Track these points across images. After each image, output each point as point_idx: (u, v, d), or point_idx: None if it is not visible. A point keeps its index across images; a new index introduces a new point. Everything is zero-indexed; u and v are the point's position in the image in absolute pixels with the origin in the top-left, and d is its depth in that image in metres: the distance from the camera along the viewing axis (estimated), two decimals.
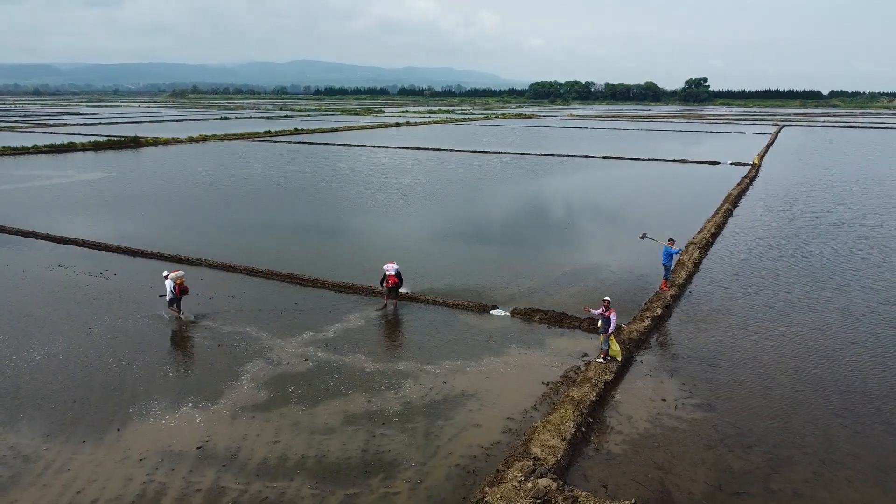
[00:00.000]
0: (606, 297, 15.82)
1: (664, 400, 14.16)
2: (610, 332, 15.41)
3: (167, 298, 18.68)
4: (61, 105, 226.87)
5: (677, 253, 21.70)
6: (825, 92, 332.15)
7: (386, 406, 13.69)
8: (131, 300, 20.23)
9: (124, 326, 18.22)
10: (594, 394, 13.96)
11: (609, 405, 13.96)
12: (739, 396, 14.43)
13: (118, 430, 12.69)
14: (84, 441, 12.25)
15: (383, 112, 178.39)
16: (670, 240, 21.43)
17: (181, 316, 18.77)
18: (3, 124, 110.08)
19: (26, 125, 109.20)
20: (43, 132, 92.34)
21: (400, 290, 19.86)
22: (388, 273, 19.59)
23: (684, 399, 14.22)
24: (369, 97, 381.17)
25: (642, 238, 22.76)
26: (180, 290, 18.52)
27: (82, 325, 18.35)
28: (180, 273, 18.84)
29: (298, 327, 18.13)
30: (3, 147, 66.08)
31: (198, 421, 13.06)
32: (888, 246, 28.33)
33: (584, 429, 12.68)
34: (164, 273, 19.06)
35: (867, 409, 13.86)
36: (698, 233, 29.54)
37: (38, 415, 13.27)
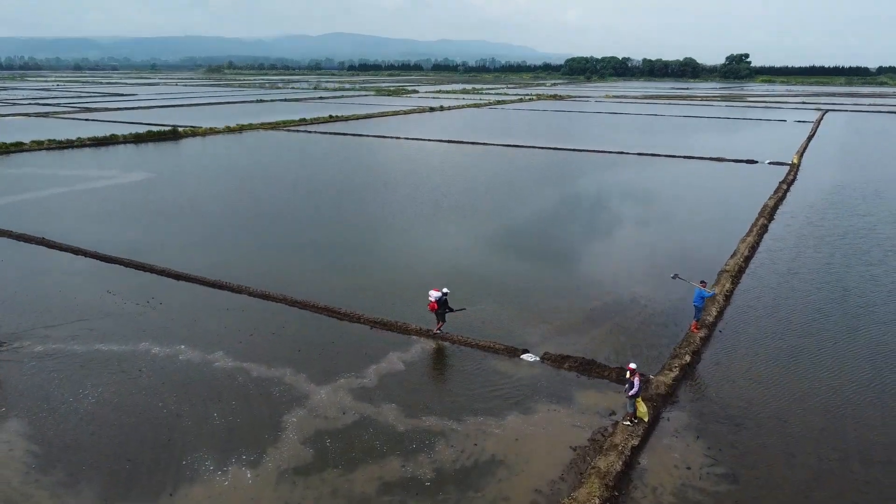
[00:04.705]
0: (632, 365, 16.17)
1: (689, 468, 14.58)
2: (631, 393, 15.86)
3: None
4: (101, 83, 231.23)
5: (710, 296, 21.89)
6: (872, 67, 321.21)
7: (419, 471, 14.35)
8: (176, 335, 21.17)
9: (171, 367, 19.15)
10: (620, 462, 14.44)
11: (635, 472, 14.44)
12: (763, 464, 14.77)
13: (170, 494, 13.58)
14: None
15: (416, 92, 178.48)
16: (702, 282, 21.58)
17: None
18: (47, 109, 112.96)
19: (68, 109, 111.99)
20: (85, 119, 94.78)
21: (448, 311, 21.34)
22: (429, 299, 21.08)
23: (709, 467, 14.62)
24: (403, 72, 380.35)
25: (674, 278, 22.86)
26: None
27: (132, 365, 19.31)
28: None
29: (335, 371, 18.84)
30: (49, 140, 67.95)
31: (243, 485, 13.88)
32: None
33: None
34: None
35: (891, 481, 14.14)
36: (731, 257, 29.39)
37: (96, 475, 14.21)
